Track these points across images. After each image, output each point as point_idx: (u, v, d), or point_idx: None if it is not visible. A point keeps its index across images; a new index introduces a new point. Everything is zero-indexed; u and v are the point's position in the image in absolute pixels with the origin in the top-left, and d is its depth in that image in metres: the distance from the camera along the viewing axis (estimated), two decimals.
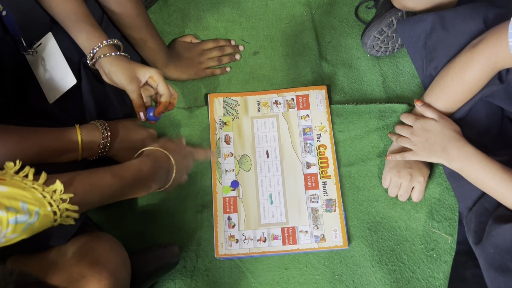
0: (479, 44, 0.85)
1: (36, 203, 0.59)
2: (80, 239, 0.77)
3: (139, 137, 0.93)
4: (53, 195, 0.61)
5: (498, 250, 0.80)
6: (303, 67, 1.13)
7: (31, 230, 0.59)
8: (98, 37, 0.85)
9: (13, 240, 0.58)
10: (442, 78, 0.92)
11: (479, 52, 0.84)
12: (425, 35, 0.99)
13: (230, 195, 1.01)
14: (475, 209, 0.90)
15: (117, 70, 0.84)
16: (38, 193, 0.60)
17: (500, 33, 0.81)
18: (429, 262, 0.95)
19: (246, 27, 1.18)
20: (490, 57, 0.83)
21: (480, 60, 0.84)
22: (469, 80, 0.87)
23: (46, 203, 0.60)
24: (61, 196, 0.62)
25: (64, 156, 0.82)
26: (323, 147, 1.03)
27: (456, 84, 0.89)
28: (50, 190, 0.61)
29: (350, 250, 0.97)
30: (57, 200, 0.62)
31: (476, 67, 0.85)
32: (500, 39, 0.80)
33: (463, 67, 0.87)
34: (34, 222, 0.58)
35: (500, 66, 0.84)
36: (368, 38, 1.08)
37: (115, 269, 0.74)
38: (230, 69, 1.13)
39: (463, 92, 0.90)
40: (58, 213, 0.62)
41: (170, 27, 1.17)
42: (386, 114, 1.06)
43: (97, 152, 0.86)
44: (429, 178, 1.00)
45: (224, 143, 1.05)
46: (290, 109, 1.07)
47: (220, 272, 0.96)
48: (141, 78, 0.87)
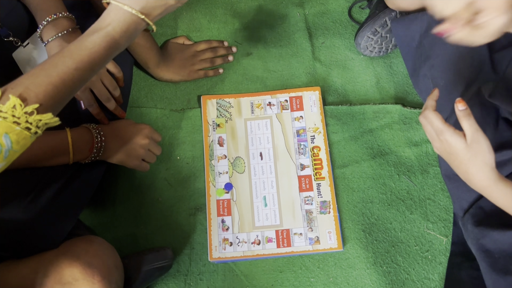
0: None
1: (0, 127, 0.52)
2: (72, 243, 0.76)
3: (131, 136, 0.92)
4: (15, 112, 0.53)
5: (503, 254, 0.79)
6: (297, 68, 1.12)
7: (12, 154, 0.54)
8: (46, 11, 0.79)
9: (4, 165, 0.54)
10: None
11: None
12: (420, 34, 0.98)
13: (223, 197, 1.00)
14: (472, 211, 0.89)
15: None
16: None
17: None
18: (424, 264, 0.95)
19: (239, 28, 1.17)
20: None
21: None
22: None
23: (11, 124, 0.53)
24: (24, 110, 0.54)
25: (55, 159, 0.81)
26: (317, 149, 1.03)
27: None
28: (8, 109, 0.53)
29: (344, 252, 0.96)
30: (22, 116, 0.53)
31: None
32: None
33: None
34: (11, 147, 0.53)
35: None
36: (362, 38, 1.08)
37: (108, 272, 0.74)
38: (223, 71, 1.12)
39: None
40: (34, 126, 0.55)
41: (163, 28, 1.17)
42: (380, 115, 1.06)
43: (90, 156, 0.85)
44: (423, 179, 1.00)
45: (218, 145, 1.04)
46: (284, 111, 1.06)
47: (214, 276, 0.95)
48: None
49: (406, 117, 1.05)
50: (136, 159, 0.92)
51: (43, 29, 0.81)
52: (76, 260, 0.71)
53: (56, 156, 0.81)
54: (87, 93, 0.86)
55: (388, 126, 1.05)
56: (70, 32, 0.81)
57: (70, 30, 0.81)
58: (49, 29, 0.80)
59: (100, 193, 1.00)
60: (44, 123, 0.56)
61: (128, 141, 0.91)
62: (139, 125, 0.93)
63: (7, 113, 0.53)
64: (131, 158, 0.91)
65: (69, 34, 0.81)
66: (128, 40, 0.64)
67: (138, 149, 0.91)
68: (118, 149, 0.89)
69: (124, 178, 1.02)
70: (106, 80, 0.88)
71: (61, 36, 0.80)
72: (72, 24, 0.82)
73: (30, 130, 0.55)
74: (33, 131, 0.55)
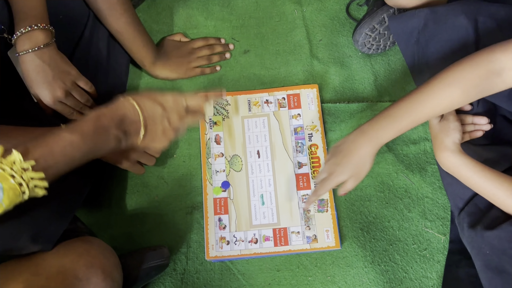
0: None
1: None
2: (73, 243, 0.76)
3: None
4: (13, 166, 0.57)
5: (495, 251, 0.79)
6: (294, 66, 1.11)
7: (0, 208, 0.56)
8: (23, 20, 0.79)
9: None
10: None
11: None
12: (418, 31, 0.98)
13: (220, 196, 0.99)
14: (468, 209, 0.89)
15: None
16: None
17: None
18: (422, 262, 0.95)
19: (236, 25, 1.16)
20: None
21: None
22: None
23: (7, 176, 0.56)
24: (22, 165, 0.57)
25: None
26: (315, 147, 1.02)
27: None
28: (9, 162, 0.57)
29: (342, 251, 0.96)
30: (19, 171, 0.57)
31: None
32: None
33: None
34: (1, 199, 0.55)
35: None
36: (360, 35, 1.07)
37: (110, 271, 0.74)
38: (220, 68, 1.11)
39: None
40: (25, 184, 0.57)
41: (159, 25, 1.16)
42: (378, 112, 1.04)
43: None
44: (421, 177, 0.99)
45: (215, 143, 1.03)
46: (281, 108, 1.06)
47: (210, 275, 0.95)
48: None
49: None
50: (128, 161, 0.91)
51: (17, 39, 0.81)
52: (79, 260, 0.70)
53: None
54: (60, 106, 0.87)
55: None
56: (43, 48, 0.81)
57: (43, 45, 0.81)
58: (23, 40, 0.80)
59: (96, 192, 0.99)
60: (33, 185, 0.58)
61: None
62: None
63: (8, 165, 0.56)
64: (124, 159, 0.91)
65: (41, 50, 0.81)
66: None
67: (130, 150, 0.91)
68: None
69: (120, 177, 1.01)
70: (77, 94, 0.88)
71: (34, 52, 0.81)
72: (47, 39, 0.82)
73: (21, 187, 0.57)
74: (22, 190, 0.57)
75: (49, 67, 0.82)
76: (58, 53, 0.84)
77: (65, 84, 0.85)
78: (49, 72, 0.82)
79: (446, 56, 0.93)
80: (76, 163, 0.65)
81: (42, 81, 0.83)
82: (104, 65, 0.99)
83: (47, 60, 0.82)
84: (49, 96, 0.84)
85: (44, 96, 0.84)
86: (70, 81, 0.86)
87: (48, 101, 0.84)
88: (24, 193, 0.58)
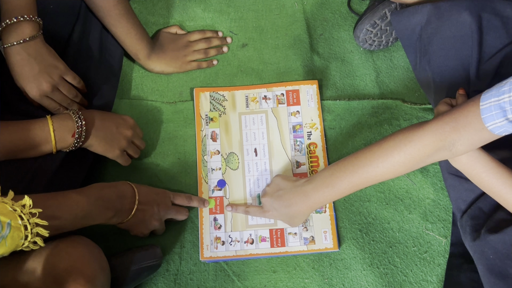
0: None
1: (8, 214, 0.59)
2: (55, 245, 0.73)
3: (114, 125, 0.89)
4: (23, 210, 0.62)
5: (498, 255, 0.77)
6: (294, 61, 1.08)
7: (3, 246, 0.58)
8: (10, 10, 0.78)
9: None
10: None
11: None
12: (421, 27, 0.96)
13: (216, 195, 0.96)
14: (471, 212, 0.86)
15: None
16: (8, 206, 0.60)
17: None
18: (422, 265, 0.92)
19: (234, 18, 1.13)
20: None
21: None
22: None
23: (17, 216, 0.60)
24: (31, 210, 0.62)
25: (38, 149, 0.79)
26: (314, 146, 0.99)
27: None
28: (20, 205, 0.62)
29: (340, 253, 0.93)
30: (27, 214, 0.62)
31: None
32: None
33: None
34: (6, 236, 0.58)
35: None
36: (361, 31, 1.04)
37: (92, 275, 0.71)
38: (217, 62, 1.08)
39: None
40: (29, 228, 0.62)
41: (155, 17, 1.12)
42: (379, 110, 1.02)
43: (72, 143, 0.82)
44: (423, 178, 0.97)
45: (211, 140, 1.00)
46: (280, 105, 1.03)
47: (204, 276, 0.92)
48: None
49: (406, 113, 1.02)
50: (118, 149, 0.90)
51: (2, 31, 0.78)
52: (59, 264, 0.68)
53: (38, 145, 0.79)
54: (47, 101, 0.84)
55: (387, 122, 1.01)
56: (29, 41, 0.79)
57: (29, 38, 0.78)
58: (9, 32, 0.78)
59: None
60: (36, 231, 0.62)
61: (111, 130, 0.88)
62: (123, 116, 0.91)
63: (18, 207, 0.61)
64: (113, 148, 0.89)
65: (27, 43, 0.79)
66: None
67: (121, 139, 0.89)
68: (99, 137, 0.86)
69: (112, 173, 0.98)
70: (64, 89, 0.86)
71: (19, 44, 0.78)
72: (34, 31, 0.80)
73: (25, 231, 0.61)
74: (26, 234, 0.62)
75: (35, 60, 0.80)
76: (45, 46, 0.81)
77: (52, 78, 0.82)
78: (35, 66, 0.80)
79: (449, 53, 0.91)
80: (76, 222, 0.73)
81: (28, 75, 0.80)
82: (96, 58, 0.96)
83: (33, 54, 0.79)
84: (35, 91, 0.81)
85: (29, 90, 0.81)
86: (57, 75, 0.83)
87: (34, 95, 0.82)
88: (27, 237, 0.62)
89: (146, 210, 0.86)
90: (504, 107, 0.65)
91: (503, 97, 0.65)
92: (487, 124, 0.68)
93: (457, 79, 0.90)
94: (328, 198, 0.84)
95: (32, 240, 0.63)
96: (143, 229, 0.88)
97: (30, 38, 0.79)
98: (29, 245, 0.63)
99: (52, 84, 0.82)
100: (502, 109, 0.65)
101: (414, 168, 0.78)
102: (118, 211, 0.81)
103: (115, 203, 0.80)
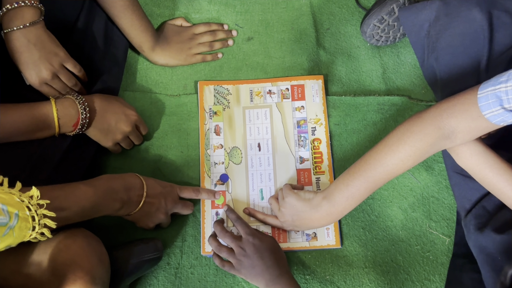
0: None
1: (15, 205, 0.59)
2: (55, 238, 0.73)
3: (114, 120, 0.89)
4: (31, 200, 0.62)
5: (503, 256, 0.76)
6: (299, 55, 1.07)
7: (10, 236, 0.58)
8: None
9: None
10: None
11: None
12: (429, 23, 0.94)
13: (218, 189, 0.96)
14: (475, 211, 0.86)
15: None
16: (16, 197, 0.60)
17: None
18: (425, 264, 0.91)
19: (240, 11, 1.11)
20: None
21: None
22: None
23: (24, 207, 0.60)
24: (38, 201, 0.62)
25: (39, 133, 0.79)
26: (318, 141, 0.98)
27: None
28: (27, 196, 0.62)
29: (342, 250, 0.93)
30: (35, 205, 0.62)
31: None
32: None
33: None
34: (14, 226, 0.58)
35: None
36: (368, 26, 1.02)
37: (91, 268, 0.71)
38: (222, 55, 1.07)
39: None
40: (37, 219, 0.62)
41: (160, 8, 1.11)
42: (385, 107, 1.01)
43: (75, 129, 0.83)
44: (427, 176, 0.96)
45: (214, 134, 0.99)
46: (285, 100, 1.02)
47: (205, 270, 0.92)
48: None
49: (412, 110, 1.00)
50: (111, 142, 0.91)
51: (3, 15, 0.77)
52: (57, 256, 0.68)
53: (40, 129, 0.79)
54: (46, 88, 0.84)
55: (393, 119, 1.00)
56: (29, 26, 0.78)
57: (30, 24, 0.78)
58: (9, 17, 0.77)
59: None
60: (43, 222, 0.63)
61: (110, 123, 0.89)
62: (128, 110, 0.91)
63: (26, 198, 0.61)
64: (107, 139, 0.90)
65: (27, 28, 0.78)
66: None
67: (117, 134, 0.90)
68: (97, 126, 0.87)
69: (115, 165, 0.98)
70: (64, 77, 0.85)
71: (19, 30, 0.77)
72: (35, 17, 0.79)
73: (33, 221, 0.62)
74: (33, 225, 0.62)
75: (35, 47, 0.79)
76: (46, 33, 0.81)
77: (52, 65, 0.81)
78: (35, 53, 0.79)
79: (457, 50, 0.90)
80: (84, 214, 0.73)
81: (27, 62, 0.79)
82: (101, 49, 0.95)
83: (33, 40, 0.79)
84: (34, 77, 0.81)
85: (29, 77, 0.81)
86: (57, 63, 0.83)
87: (33, 82, 0.81)
88: (34, 229, 0.62)
89: (153, 203, 0.86)
90: (500, 96, 0.66)
91: (500, 86, 0.66)
92: (484, 112, 0.69)
93: (465, 76, 0.89)
94: (349, 208, 0.84)
95: (39, 231, 0.63)
96: (149, 222, 0.88)
97: (30, 24, 0.78)
98: (36, 236, 0.63)
99: (52, 72, 0.82)
100: (498, 98, 0.66)
101: (421, 158, 0.78)
102: (126, 203, 0.80)
103: (122, 195, 0.79)
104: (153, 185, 0.86)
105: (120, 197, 0.79)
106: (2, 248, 0.59)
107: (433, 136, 0.75)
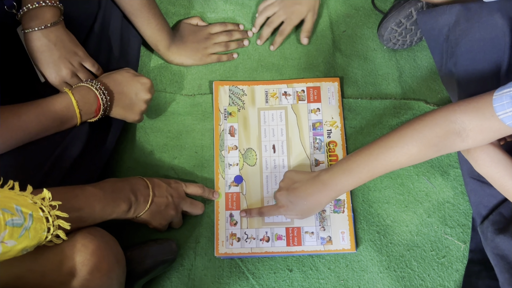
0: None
1: (29, 206, 0.59)
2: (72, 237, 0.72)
3: (133, 90, 0.89)
4: (43, 202, 0.62)
5: None
6: (315, 57, 1.06)
7: (26, 238, 0.58)
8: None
9: (10, 251, 0.57)
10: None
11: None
12: (448, 28, 0.93)
13: (232, 190, 0.95)
14: (492, 218, 0.85)
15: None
16: (28, 199, 0.60)
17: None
18: (440, 270, 0.91)
19: (256, 12, 1.10)
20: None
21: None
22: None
23: (38, 208, 0.61)
24: (50, 203, 0.63)
25: (63, 125, 0.80)
26: (333, 144, 0.98)
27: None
28: (39, 198, 0.62)
29: (357, 254, 0.92)
30: (47, 207, 0.62)
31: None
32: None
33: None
34: (29, 227, 0.58)
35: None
36: (385, 30, 1.02)
37: (108, 268, 0.70)
38: (237, 56, 1.06)
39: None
40: (51, 220, 0.62)
41: (176, 7, 1.10)
42: (401, 111, 1.00)
43: (97, 114, 0.84)
44: (443, 181, 0.95)
45: (229, 135, 0.99)
46: (300, 102, 1.01)
47: (219, 272, 0.91)
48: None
49: None
50: (138, 114, 0.91)
51: (23, 15, 0.78)
52: (75, 257, 0.67)
53: (63, 123, 0.79)
54: (65, 86, 0.84)
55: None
56: (50, 27, 0.78)
57: (50, 24, 0.78)
58: (30, 17, 0.77)
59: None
60: (57, 224, 0.63)
61: (131, 97, 0.88)
62: (140, 78, 0.90)
63: (38, 200, 0.62)
64: (133, 113, 0.90)
65: (48, 29, 0.78)
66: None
67: (141, 104, 0.90)
68: (120, 104, 0.87)
69: (128, 165, 0.97)
70: (83, 75, 0.86)
71: (40, 30, 0.78)
72: (55, 17, 0.79)
73: (47, 222, 0.62)
74: (48, 226, 0.62)
75: (55, 47, 0.79)
76: (65, 32, 0.81)
77: (72, 64, 0.82)
78: (55, 52, 0.79)
79: (477, 56, 0.89)
80: (95, 215, 0.73)
81: (47, 61, 0.80)
82: (117, 47, 0.95)
83: (54, 40, 0.79)
84: (54, 76, 0.81)
85: (48, 76, 0.81)
86: (77, 62, 0.83)
87: (53, 81, 0.82)
88: (49, 230, 0.62)
89: (161, 200, 0.86)
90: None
91: None
92: (498, 113, 0.69)
93: (484, 82, 0.88)
94: (346, 185, 0.82)
95: (54, 233, 0.62)
96: (161, 220, 0.87)
97: (51, 24, 0.78)
98: (51, 238, 0.63)
99: (71, 71, 0.82)
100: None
101: (430, 154, 0.77)
102: (134, 203, 0.81)
103: (129, 195, 0.80)
104: (158, 183, 0.87)
105: (127, 198, 0.79)
106: (19, 250, 0.58)
107: (443, 127, 0.74)
